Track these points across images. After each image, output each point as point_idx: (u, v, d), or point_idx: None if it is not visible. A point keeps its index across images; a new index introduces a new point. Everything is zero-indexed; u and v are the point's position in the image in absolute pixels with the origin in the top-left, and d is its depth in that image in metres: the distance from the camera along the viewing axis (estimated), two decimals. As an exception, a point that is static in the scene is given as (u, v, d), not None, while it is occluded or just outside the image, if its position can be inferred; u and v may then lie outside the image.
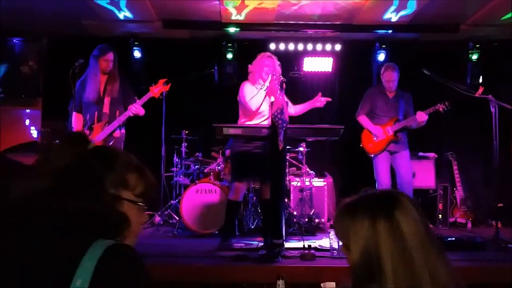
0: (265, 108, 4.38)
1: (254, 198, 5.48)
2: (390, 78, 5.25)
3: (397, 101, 5.30)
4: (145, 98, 4.68)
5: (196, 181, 5.64)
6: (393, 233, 1.19)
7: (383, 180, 5.18)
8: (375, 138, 5.23)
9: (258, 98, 4.29)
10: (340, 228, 1.30)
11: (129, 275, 1.07)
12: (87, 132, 4.63)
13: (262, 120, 4.43)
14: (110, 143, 4.61)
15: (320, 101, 4.46)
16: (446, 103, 5.03)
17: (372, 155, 5.26)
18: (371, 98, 5.37)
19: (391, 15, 6.22)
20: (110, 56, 4.69)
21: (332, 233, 4.11)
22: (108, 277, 1.04)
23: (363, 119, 5.33)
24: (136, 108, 4.63)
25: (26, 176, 1.20)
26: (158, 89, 4.72)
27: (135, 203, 1.25)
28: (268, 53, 4.54)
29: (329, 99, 4.51)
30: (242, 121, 4.49)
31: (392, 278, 1.16)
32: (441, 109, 5.04)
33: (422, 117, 5.06)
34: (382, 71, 5.36)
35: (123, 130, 4.82)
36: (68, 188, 1.15)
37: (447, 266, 1.21)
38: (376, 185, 5.20)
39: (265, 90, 4.29)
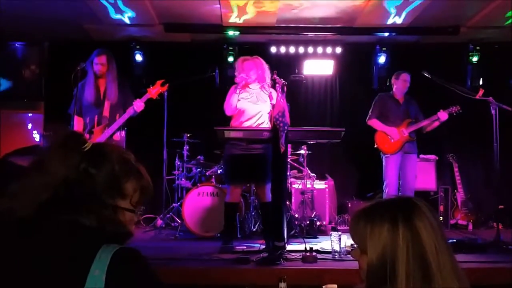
0: (246, 107, 4.50)
1: (256, 200, 5.49)
2: (407, 78, 5.41)
3: (407, 105, 5.47)
4: (143, 99, 4.69)
5: (198, 184, 5.67)
6: (411, 237, 1.21)
7: (391, 180, 5.25)
8: (391, 139, 5.29)
9: (232, 101, 4.46)
10: (357, 232, 1.30)
11: (140, 278, 1.07)
12: (87, 136, 4.63)
13: (245, 119, 4.53)
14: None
15: None
16: (458, 106, 5.21)
17: (388, 155, 5.32)
18: (382, 103, 5.48)
19: (392, 18, 6.24)
20: (102, 59, 4.66)
21: (333, 235, 4.10)
22: (120, 283, 1.03)
23: (374, 122, 5.41)
24: (139, 106, 4.64)
25: (28, 186, 1.18)
26: (155, 90, 4.74)
27: (133, 211, 1.27)
28: (243, 57, 4.66)
29: None
30: (231, 122, 4.61)
31: (405, 281, 1.18)
32: (453, 111, 5.22)
33: (444, 116, 5.24)
34: (396, 76, 5.50)
35: (123, 133, 4.81)
36: (68, 202, 1.14)
37: (457, 269, 1.24)
38: (384, 185, 5.24)
39: (238, 94, 4.45)
